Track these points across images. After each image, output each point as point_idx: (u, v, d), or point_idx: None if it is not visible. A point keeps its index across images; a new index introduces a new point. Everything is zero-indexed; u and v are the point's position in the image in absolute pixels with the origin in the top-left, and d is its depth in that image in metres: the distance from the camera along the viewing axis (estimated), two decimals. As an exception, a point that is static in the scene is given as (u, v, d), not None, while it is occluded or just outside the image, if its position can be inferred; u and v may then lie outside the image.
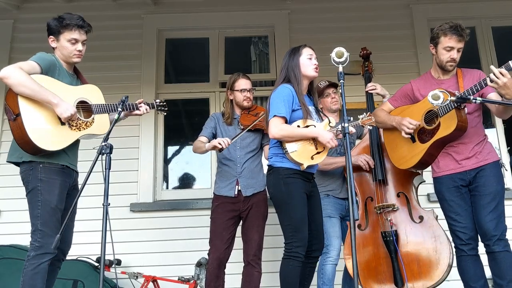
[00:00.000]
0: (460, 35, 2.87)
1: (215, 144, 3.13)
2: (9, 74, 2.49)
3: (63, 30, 2.73)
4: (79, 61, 2.81)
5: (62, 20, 2.74)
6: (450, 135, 2.81)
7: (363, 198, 3.23)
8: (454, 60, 2.92)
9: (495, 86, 2.60)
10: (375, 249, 3.09)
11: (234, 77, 3.48)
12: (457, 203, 2.86)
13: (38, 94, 2.55)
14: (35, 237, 2.57)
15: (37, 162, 2.62)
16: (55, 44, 2.77)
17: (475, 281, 2.81)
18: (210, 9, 4.68)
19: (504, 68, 2.57)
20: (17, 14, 4.66)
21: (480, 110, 2.95)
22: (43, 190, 2.60)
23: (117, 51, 4.52)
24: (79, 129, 2.73)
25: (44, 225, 2.57)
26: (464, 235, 2.82)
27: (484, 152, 2.87)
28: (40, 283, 2.53)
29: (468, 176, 2.86)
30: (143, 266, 3.91)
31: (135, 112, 2.99)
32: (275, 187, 2.85)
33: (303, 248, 2.75)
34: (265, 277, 3.32)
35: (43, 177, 2.61)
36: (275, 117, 2.81)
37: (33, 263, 2.53)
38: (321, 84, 3.47)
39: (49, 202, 2.60)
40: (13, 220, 4.05)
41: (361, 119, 2.96)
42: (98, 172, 2.44)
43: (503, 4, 4.59)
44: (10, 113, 2.56)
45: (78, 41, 2.76)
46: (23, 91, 2.52)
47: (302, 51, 2.95)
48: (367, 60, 3.61)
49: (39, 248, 2.54)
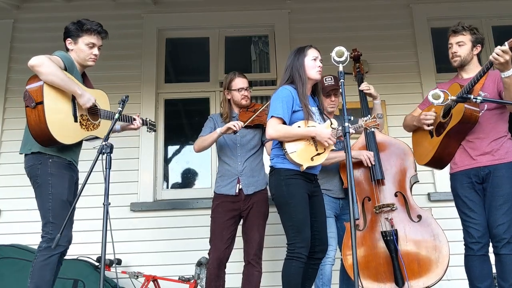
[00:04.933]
0: (454, 31, 2.98)
1: (229, 126, 3.19)
2: (42, 62, 2.58)
3: (83, 34, 2.86)
4: (93, 64, 2.93)
5: (83, 24, 2.86)
6: (457, 126, 2.82)
7: (360, 198, 3.23)
8: (455, 55, 2.98)
9: (497, 65, 2.63)
10: (374, 249, 3.09)
11: (231, 76, 3.47)
12: (470, 199, 2.85)
13: (66, 84, 2.66)
14: (46, 229, 2.63)
15: (46, 156, 2.69)
16: (72, 46, 2.87)
17: (480, 281, 2.80)
18: (210, 8, 4.68)
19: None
20: (17, 14, 4.66)
21: (504, 108, 2.89)
22: (54, 183, 2.67)
23: (117, 51, 4.51)
24: (88, 129, 2.82)
25: (56, 217, 2.62)
26: (476, 232, 2.80)
27: (502, 150, 2.84)
28: (49, 274, 2.59)
29: (481, 172, 2.83)
30: (143, 265, 3.91)
31: (131, 126, 3.11)
32: (276, 188, 2.85)
33: (306, 249, 2.75)
34: (266, 276, 3.33)
35: (53, 171, 2.68)
36: (272, 118, 2.83)
37: (44, 254, 2.59)
38: (326, 80, 3.41)
39: (60, 195, 2.67)
40: (13, 220, 4.06)
41: (365, 121, 2.95)
42: (99, 171, 2.45)
43: (503, 4, 4.59)
44: (30, 100, 2.60)
45: (95, 46, 2.89)
46: (52, 80, 2.61)
47: (308, 52, 2.93)
48: (358, 61, 3.61)
49: (51, 240, 2.57)
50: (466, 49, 2.96)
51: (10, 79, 4.49)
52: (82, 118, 2.80)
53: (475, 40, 2.96)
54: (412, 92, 4.39)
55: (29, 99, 2.61)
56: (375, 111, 3.36)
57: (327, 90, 3.38)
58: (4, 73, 4.47)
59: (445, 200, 3.86)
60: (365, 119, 2.96)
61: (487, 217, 2.80)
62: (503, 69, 2.64)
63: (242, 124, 3.22)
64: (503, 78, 2.68)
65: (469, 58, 2.97)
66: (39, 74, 2.60)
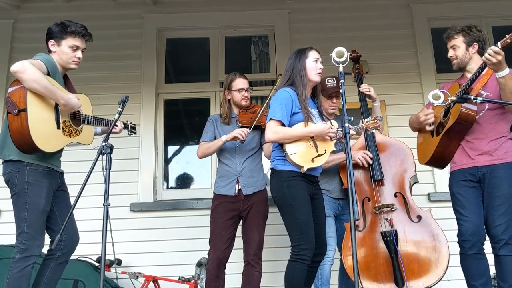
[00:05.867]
0: (446, 37, 3.04)
1: (235, 135, 3.20)
2: (24, 69, 2.49)
3: (67, 36, 2.78)
4: (75, 67, 2.85)
5: (67, 26, 2.79)
6: (454, 126, 2.82)
7: (360, 199, 3.22)
8: (452, 58, 3.01)
9: (490, 65, 2.63)
10: (374, 249, 3.08)
11: (231, 76, 3.47)
12: (464, 196, 2.85)
13: (48, 92, 2.57)
14: (20, 239, 2.58)
15: (23, 164, 2.61)
16: (55, 48, 2.80)
17: (475, 279, 2.80)
18: (210, 8, 4.68)
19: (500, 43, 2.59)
20: (17, 14, 4.66)
21: (504, 108, 2.88)
22: (31, 192, 2.60)
23: (117, 51, 4.51)
24: (70, 135, 2.75)
25: (30, 227, 2.58)
26: (466, 230, 2.79)
27: (501, 150, 2.83)
28: (24, 285, 2.54)
29: (479, 172, 2.83)
30: (143, 266, 3.92)
31: (114, 130, 3.00)
32: (278, 190, 2.84)
33: (311, 251, 2.73)
34: (266, 277, 3.33)
35: (31, 180, 2.61)
36: (271, 120, 2.83)
37: (18, 266, 2.54)
38: (329, 82, 3.37)
39: (37, 204, 2.61)
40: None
41: (366, 122, 2.95)
42: (99, 172, 2.45)
43: (503, 4, 4.59)
44: (13, 107, 2.51)
45: (79, 49, 2.82)
46: (35, 87, 2.52)
47: (309, 53, 2.93)
48: (357, 62, 3.60)
49: (24, 250, 2.55)
50: (460, 51, 2.97)
51: (10, 79, 4.44)
52: (65, 124, 2.71)
53: (469, 40, 2.96)
54: (412, 92, 4.39)
55: (11, 106, 2.51)
56: (374, 114, 3.36)
57: (329, 92, 3.36)
58: (4, 73, 4.47)
59: (445, 200, 3.85)
60: (366, 121, 2.96)
61: (486, 217, 2.80)
62: (496, 69, 2.64)
63: (248, 132, 3.23)
64: (497, 78, 2.68)
65: (467, 59, 2.97)
66: (22, 81, 2.50)
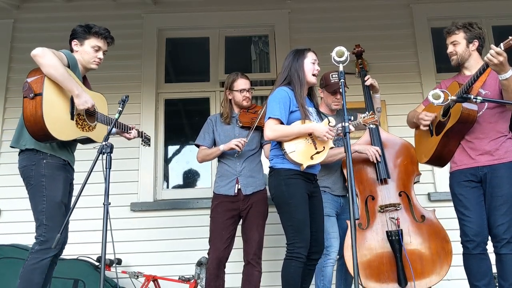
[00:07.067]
0: (447, 32, 3.02)
1: (232, 146, 3.22)
2: (44, 54, 2.55)
3: (90, 36, 2.86)
4: (96, 68, 2.92)
5: (91, 27, 2.87)
6: (455, 126, 2.82)
7: (363, 197, 3.21)
8: (451, 54, 3.00)
9: (492, 66, 2.61)
10: (377, 248, 3.07)
11: (233, 77, 3.47)
12: (466, 197, 2.84)
13: (65, 80, 2.61)
14: (40, 231, 2.59)
15: (40, 157, 2.65)
16: (78, 48, 2.86)
17: (478, 280, 2.79)
18: (210, 8, 4.68)
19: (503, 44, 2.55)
20: (17, 14, 4.65)
21: (505, 106, 2.87)
22: (48, 185, 2.63)
23: (117, 51, 4.47)
24: (83, 129, 2.78)
25: (50, 219, 2.59)
26: (470, 230, 2.79)
27: (501, 150, 2.83)
28: (37, 278, 2.55)
29: (480, 172, 2.83)
30: (143, 265, 3.91)
31: (125, 134, 3.10)
32: (276, 188, 2.85)
33: (305, 249, 2.75)
34: (265, 276, 3.33)
35: (47, 173, 2.64)
36: (270, 119, 2.83)
37: (36, 257, 2.56)
38: (333, 77, 3.33)
39: (54, 197, 2.63)
40: (14, 220, 4.06)
41: (363, 117, 2.95)
42: (99, 171, 2.45)
43: (503, 4, 4.59)
44: (29, 90, 2.56)
45: (101, 49, 2.90)
46: (51, 73, 2.57)
47: (307, 54, 2.94)
48: (360, 57, 3.58)
49: (44, 242, 2.56)
50: (461, 47, 2.96)
51: (10, 79, 4.49)
52: (79, 117, 2.76)
53: (470, 36, 2.95)
54: (412, 92, 4.39)
55: (28, 90, 2.56)
56: (375, 104, 3.37)
57: (333, 87, 3.33)
58: (4, 73, 4.47)
59: (445, 200, 3.85)
60: (363, 116, 2.96)
61: (487, 217, 2.80)
62: (499, 70, 2.62)
63: (245, 141, 3.25)
64: (500, 80, 2.66)
65: (466, 55, 2.97)
66: (40, 65, 2.56)
